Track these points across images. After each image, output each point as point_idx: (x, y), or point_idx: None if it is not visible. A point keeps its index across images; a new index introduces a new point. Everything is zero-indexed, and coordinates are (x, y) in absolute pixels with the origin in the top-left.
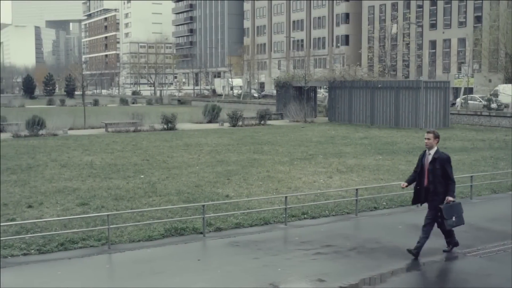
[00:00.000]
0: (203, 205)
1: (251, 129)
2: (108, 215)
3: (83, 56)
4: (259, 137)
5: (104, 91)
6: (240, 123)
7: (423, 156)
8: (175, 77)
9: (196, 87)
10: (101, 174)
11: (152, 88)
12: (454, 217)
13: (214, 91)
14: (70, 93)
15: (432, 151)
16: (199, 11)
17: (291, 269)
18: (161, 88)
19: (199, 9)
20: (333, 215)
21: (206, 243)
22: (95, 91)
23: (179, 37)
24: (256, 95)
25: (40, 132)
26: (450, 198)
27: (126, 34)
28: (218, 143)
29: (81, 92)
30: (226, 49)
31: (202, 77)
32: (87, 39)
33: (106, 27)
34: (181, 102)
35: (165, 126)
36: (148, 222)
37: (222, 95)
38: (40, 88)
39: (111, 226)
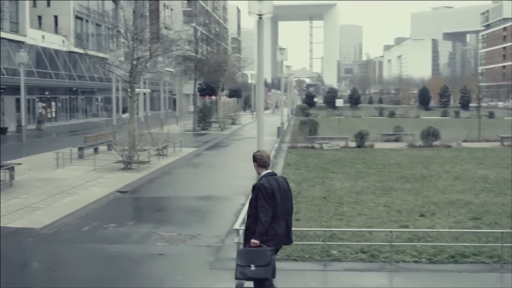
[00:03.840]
0: None
1: None
2: (502, 232)
3: (479, 68)
4: None
5: (500, 103)
6: None
7: None
8: None
9: None
10: (495, 189)
11: None
12: (253, 266)
13: None
14: (464, 105)
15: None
16: None
17: None
18: None
19: None
20: None
21: None
22: (490, 103)
23: None
24: None
25: (434, 143)
26: (254, 241)
27: None
28: None
29: (476, 104)
30: None
31: None
32: (484, 50)
33: (504, 37)
34: None
35: None
36: None
37: None
38: (435, 100)
39: (505, 245)
